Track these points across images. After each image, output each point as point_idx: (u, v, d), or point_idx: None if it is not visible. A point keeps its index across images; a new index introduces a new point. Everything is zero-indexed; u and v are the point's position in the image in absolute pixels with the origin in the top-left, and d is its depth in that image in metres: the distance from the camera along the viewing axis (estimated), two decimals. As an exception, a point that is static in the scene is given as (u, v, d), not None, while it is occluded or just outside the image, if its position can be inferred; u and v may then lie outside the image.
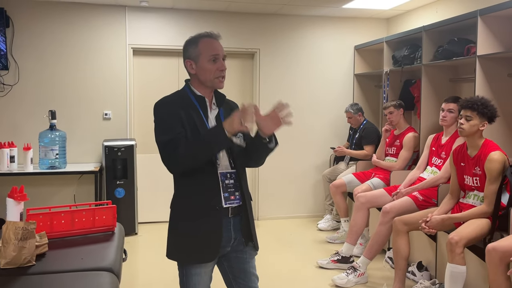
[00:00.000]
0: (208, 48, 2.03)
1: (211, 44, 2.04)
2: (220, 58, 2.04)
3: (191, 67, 2.06)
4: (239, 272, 2.14)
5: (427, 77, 4.35)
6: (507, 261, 2.62)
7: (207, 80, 2.05)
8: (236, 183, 2.07)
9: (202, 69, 2.04)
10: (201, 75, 2.05)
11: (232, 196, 2.04)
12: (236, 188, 2.06)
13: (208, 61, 2.02)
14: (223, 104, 2.16)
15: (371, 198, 4.13)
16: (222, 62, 2.04)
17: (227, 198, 2.04)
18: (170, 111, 2.00)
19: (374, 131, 5.13)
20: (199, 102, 2.07)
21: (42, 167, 4.73)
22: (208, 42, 2.04)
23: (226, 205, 2.03)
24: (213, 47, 2.03)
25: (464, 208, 3.19)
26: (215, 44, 2.05)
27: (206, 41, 2.05)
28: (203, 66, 2.03)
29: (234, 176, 2.07)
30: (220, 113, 2.12)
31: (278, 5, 5.18)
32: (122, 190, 4.91)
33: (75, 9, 5.15)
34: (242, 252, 2.12)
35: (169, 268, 2.18)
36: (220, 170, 2.04)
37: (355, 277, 3.71)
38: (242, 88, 5.74)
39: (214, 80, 2.05)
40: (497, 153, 3.02)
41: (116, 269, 2.08)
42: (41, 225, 2.32)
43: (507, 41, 3.62)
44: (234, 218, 2.07)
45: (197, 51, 2.03)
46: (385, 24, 5.88)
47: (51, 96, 5.14)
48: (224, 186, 2.03)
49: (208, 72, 2.03)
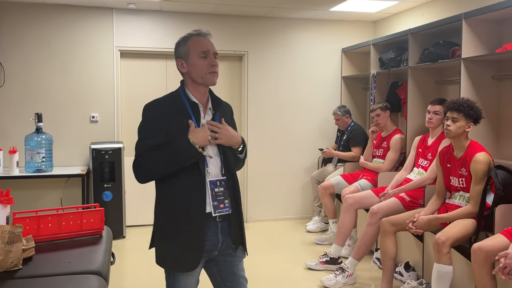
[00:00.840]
0: (197, 45, 2.01)
1: (200, 41, 2.03)
2: (210, 54, 2.02)
3: (182, 66, 2.05)
4: (227, 275, 2.12)
5: (413, 79, 4.39)
6: (492, 261, 2.66)
7: (199, 76, 2.02)
8: (226, 191, 2.04)
9: (193, 66, 2.01)
10: (193, 72, 2.03)
11: (222, 204, 2.02)
12: (225, 196, 2.03)
13: (198, 58, 2.00)
14: (219, 109, 2.12)
15: (359, 199, 4.16)
16: (212, 58, 2.02)
17: (217, 207, 2.01)
18: (154, 117, 1.99)
19: (362, 133, 5.16)
20: (192, 108, 2.03)
21: (28, 170, 4.68)
22: (197, 39, 2.03)
23: (216, 214, 2.00)
24: (202, 43, 2.02)
25: (450, 209, 3.23)
26: (204, 41, 2.04)
27: (195, 39, 2.04)
28: (193, 62, 2.01)
29: (224, 183, 2.04)
30: (216, 118, 2.08)
31: (266, 7, 5.21)
32: (110, 193, 4.88)
33: (62, 11, 5.12)
34: (230, 255, 2.11)
35: (157, 271, 2.17)
36: (210, 178, 2.02)
37: (344, 278, 3.73)
38: (231, 90, 5.74)
39: (206, 76, 2.02)
40: (482, 154, 3.07)
41: (104, 272, 2.07)
42: (27, 228, 2.29)
43: (491, 43, 3.68)
44: (222, 222, 2.05)
45: (186, 49, 2.02)
46: (372, 27, 5.94)
47: (38, 98, 5.09)
48: (213, 194, 2.00)
49: (199, 68, 2.01)
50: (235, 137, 2.05)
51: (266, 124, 5.75)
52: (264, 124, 5.74)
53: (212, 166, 2.04)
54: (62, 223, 2.42)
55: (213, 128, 2.00)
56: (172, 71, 5.50)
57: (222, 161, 2.06)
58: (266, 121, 5.75)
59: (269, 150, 5.76)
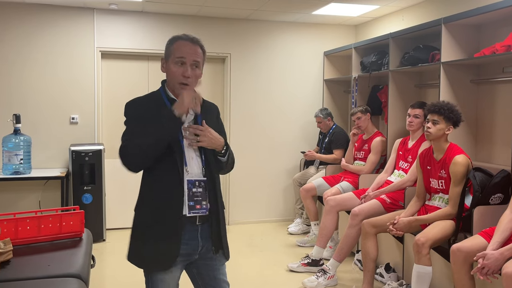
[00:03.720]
0: (178, 50, 1.97)
1: (183, 47, 1.97)
2: (186, 62, 1.95)
3: (163, 66, 2.03)
4: (208, 279, 2.10)
5: (394, 82, 4.45)
6: (470, 261, 2.71)
7: (172, 83, 2.01)
8: (205, 192, 2.00)
9: (169, 70, 2.00)
10: (168, 76, 2.03)
11: (198, 205, 1.97)
12: (204, 197, 1.99)
13: (174, 63, 1.97)
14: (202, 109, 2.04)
15: (340, 202, 4.19)
16: (186, 68, 1.96)
17: (192, 207, 1.96)
18: (135, 113, 1.97)
19: (343, 135, 5.20)
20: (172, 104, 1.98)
21: (6, 172, 4.59)
22: (182, 44, 1.98)
23: (190, 214, 1.97)
24: (182, 50, 1.96)
25: (430, 210, 3.28)
26: (187, 47, 1.97)
27: (181, 43, 1.98)
28: (169, 67, 1.99)
29: (203, 184, 2.00)
30: (198, 119, 2.04)
31: (249, 10, 5.21)
32: (90, 196, 4.81)
33: (42, 10, 5.04)
34: (211, 259, 2.08)
35: (137, 274, 2.15)
36: (189, 177, 1.98)
37: (325, 279, 3.75)
38: (213, 92, 5.73)
39: (175, 84, 1.99)
40: (461, 156, 3.12)
41: (84, 275, 2.04)
42: (5, 231, 2.26)
43: (470, 48, 3.75)
44: (202, 225, 2.02)
45: (169, 51, 2.00)
46: (353, 31, 6.00)
47: (16, 99, 5.00)
48: (190, 194, 1.96)
49: (172, 74, 1.98)
50: (218, 140, 2.01)
51: (248, 126, 5.75)
52: (246, 126, 5.75)
53: (192, 166, 2.00)
54: (41, 226, 2.39)
55: (195, 131, 1.96)
56: (154, 73, 5.47)
57: (203, 162, 2.03)
58: (248, 123, 5.75)
59: (251, 152, 5.77)
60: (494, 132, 3.74)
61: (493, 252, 2.54)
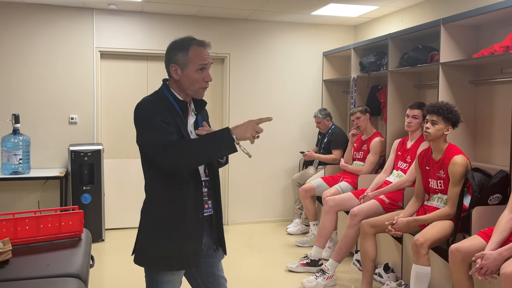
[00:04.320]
0: (198, 57, 1.96)
1: (202, 53, 1.97)
2: (207, 68, 1.99)
3: (176, 73, 1.98)
4: (207, 276, 2.12)
5: (393, 83, 4.46)
6: (469, 261, 2.71)
7: (190, 89, 1.99)
8: (210, 191, 2.05)
9: (188, 78, 1.97)
10: (185, 83, 1.98)
11: (206, 205, 2.02)
12: (209, 197, 2.04)
13: (196, 71, 1.96)
14: (202, 111, 2.12)
15: (339, 202, 4.19)
16: (208, 73, 1.99)
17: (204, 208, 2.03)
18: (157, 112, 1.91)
19: (342, 135, 5.21)
20: (180, 106, 1.99)
21: (5, 172, 4.59)
22: (199, 51, 1.97)
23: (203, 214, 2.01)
24: (203, 56, 1.97)
25: (429, 211, 3.28)
26: (205, 53, 1.99)
27: (197, 49, 1.97)
28: (190, 75, 1.96)
29: (208, 184, 2.05)
30: (199, 120, 2.08)
31: (248, 10, 5.22)
32: (89, 196, 4.81)
33: (41, 10, 5.04)
34: (210, 257, 2.11)
35: (136, 274, 2.15)
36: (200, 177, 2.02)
37: (324, 280, 3.75)
38: (212, 92, 5.73)
39: (198, 90, 2.00)
40: (460, 157, 3.13)
41: (84, 275, 2.04)
42: (4, 231, 2.26)
43: (469, 49, 3.75)
44: (205, 223, 2.06)
45: (186, 59, 1.95)
46: (352, 31, 6.00)
47: (15, 99, 5.00)
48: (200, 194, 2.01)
49: (194, 81, 1.97)
50: None
51: (248, 127, 5.74)
52: (245, 127, 5.73)
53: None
54: (40, 226, 2.39)
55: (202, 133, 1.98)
56: (153, 73, 5.47)
57: None
58: (247, 124, 5.73)
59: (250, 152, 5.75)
60: (493, 133, 3.75)
61: (491, 252, 2.54)
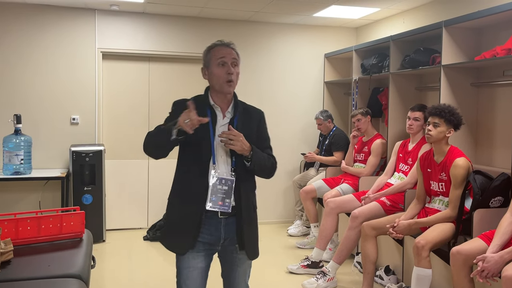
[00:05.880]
0: (217, 54, 2.13)
1: (220, 50, 2.15)
2: (228, 62, 2.12)
3: (205, 74, 2.18)
4: (228, 271, 2.26)
5: (394, 85, 4.46)
6: (470, 264, 2.71)
7: (216, 84, 2.14)
8: (230, 191, 2.11)
9: (212, 74, 2.13)
10: (211, 80, 2.16)
11: (221, 201, 2.10)
12: (228, 195, 2.11)
13: (216, 66, 2.12)
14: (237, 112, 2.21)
15: (340, 204, 4.19)
16: (229, 66, 2.12)
17: (214, 202, 2.09)
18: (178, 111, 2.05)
19: (343, 137, 5.21)
20: (211, 110, 2.15)
21: (6, 172, 4.59)
22: (219, 49, 2.15)
23: (209, 208, 2.08)
24: (221, 52, 2.14)
25: (430, 213, 3.28)
26: (225, 49, 2.15)
27: (217, 48, 2.16)
28: (212, 71, 2.13)
29: (229, 183, 2.12)
30: (234, 121, 2.17)
31: (250, 12, 5.22)
32: (90, 197, 4.81)
33: (43, 11, 5.05)
34: (232, 252, 2.22)
35: (137, 275, 2.15)
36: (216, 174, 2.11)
37: (325, 281, 3.75)
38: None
39: (222, 84, 2.12)
40: (462, 159, 3.12)
41: (85, 276, 2.04)
42: (6, 231, 2.26)
43: (471, 51, 3.75)
44: (227, 219, 2.14)
45: (208, 58, 2.16)
46: (354, 33, 6.01)
47: (17, 100, 5.00)
48: (214, 190, 2.09)
49: (216, 76, 2.12)
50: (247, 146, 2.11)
51: (249, 128, 5.74)
52: (246, 128, 5.74)
53: (220, 164, 2.13)
54: (41, 226, 2.39)
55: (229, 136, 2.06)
56: (154, 73, 5.47)
57: (233, 163, 2.14)
58: (248, 125, 5.74)
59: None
60: (494, 135, 3.74)
61: (493, 255, 2.54)
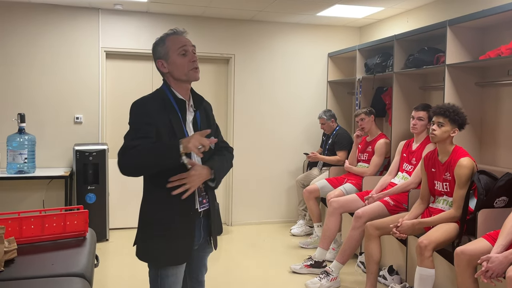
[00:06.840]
0: (175, 43, 2.04)
1: (178, 39, 2.05)
2: (189, 50, 2.04)
3: (163, 66, 2.06)
4: (195, 267, 2.23)
5: (398, 84, 4.44)
6: (474, 264, 2.70)
7: (182, 74, 2.05)
8: (205, 186, 2.11)
9: (175, 65, 2.04)
10: (175, 71, 2.05)
11: (204, 199, 2.10)
12: (206, 192, 2.12)
13: (178, 55, 2.03)
14: (200, 106, 2.16)
15: (344, 203, 4.18)
16: (192, 54, 2.04)
17: (201, 202, 2.09)
18: (142, 113, 1.97)
19: (347, 137, 5.20)
20: (178, 105, 2.05)
21: (10, 171, 4.60)
22: (175, 38, 2.06)
23: (201, 209, 2.09)
24: (180, 40, 2.05)
25: (434, 213, 3.27)
26: (183, 38, 2.06)
27: (172, 37, 2.06)
28: (174, 61, 2.03)
29: None
30: (197, 116, 2.13)
31: (254, 11, 5.22)
32: (93, 196, 4.82)
33: (47, 10, 5.06)
34: (204, 250, 2.22)
35: (141, 273, 2.15)
36: None
37: (328, 281, 3.74)
38: (217, 93, 5.74)
39: (189, 72, 2.04)
40: (466, 159, 3.11)
41: (88, 274, 2.05)
42: (9, 230, 2.26)
43: (475, 50, 3.74)
44: (204, 218, 2.14)
45: (165, 49, 2.04)
46: (358, 33, 5.99)
47: (21, 98, 5.01)
48: (198, 190, 2.07)
49: (180, 66, 2.03)
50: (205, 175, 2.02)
51: (252, 128, 5.75)
52: (250, 128, 5.75)
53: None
54: (45, 225, 2.39)
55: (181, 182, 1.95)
56: (158, 73, 5.44)
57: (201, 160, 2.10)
58: (252, 125, 5.75)
59: (254, 153, 5.77)
60: (499, 135, 3.73)
61: (497, 255, 2.53)
